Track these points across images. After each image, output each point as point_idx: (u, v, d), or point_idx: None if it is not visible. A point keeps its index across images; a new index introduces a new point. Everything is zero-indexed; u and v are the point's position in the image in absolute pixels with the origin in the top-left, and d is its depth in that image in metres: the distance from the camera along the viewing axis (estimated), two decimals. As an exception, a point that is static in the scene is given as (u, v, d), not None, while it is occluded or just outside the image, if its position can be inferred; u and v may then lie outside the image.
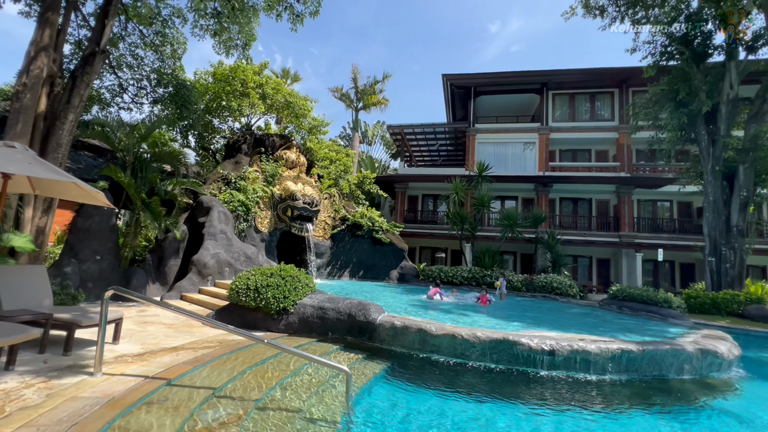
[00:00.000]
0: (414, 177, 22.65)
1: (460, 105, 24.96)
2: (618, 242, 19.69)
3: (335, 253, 16.69)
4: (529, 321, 8.11)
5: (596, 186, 21.02)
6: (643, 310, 9.73)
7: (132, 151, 10.58)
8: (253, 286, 6.88)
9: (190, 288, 9.41)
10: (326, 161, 18.71)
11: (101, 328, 3.91)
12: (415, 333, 6.14)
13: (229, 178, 13.59)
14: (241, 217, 13.08)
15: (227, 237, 11.27)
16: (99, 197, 5.58)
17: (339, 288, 12.34)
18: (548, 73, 20.79)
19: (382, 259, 16.72)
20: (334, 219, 17.16)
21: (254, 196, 13.58)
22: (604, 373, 5.48)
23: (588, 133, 21.30)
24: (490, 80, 21.76)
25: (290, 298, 6.93)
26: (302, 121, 17.92)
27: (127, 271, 9.73)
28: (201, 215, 11.67)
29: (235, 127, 17.27)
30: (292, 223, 14.64)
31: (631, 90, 20.90)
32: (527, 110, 24.31)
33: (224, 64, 15.52)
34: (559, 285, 13.24)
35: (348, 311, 6.74)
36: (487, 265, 15.35)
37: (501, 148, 22.30)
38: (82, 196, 5.89)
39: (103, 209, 9.50)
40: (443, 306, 9.71)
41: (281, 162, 15.32)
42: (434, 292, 10.71)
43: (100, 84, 12.62)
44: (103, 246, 9.41)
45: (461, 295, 12.08)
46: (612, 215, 21.30)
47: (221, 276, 10.04)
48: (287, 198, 14.63)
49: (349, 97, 24.70)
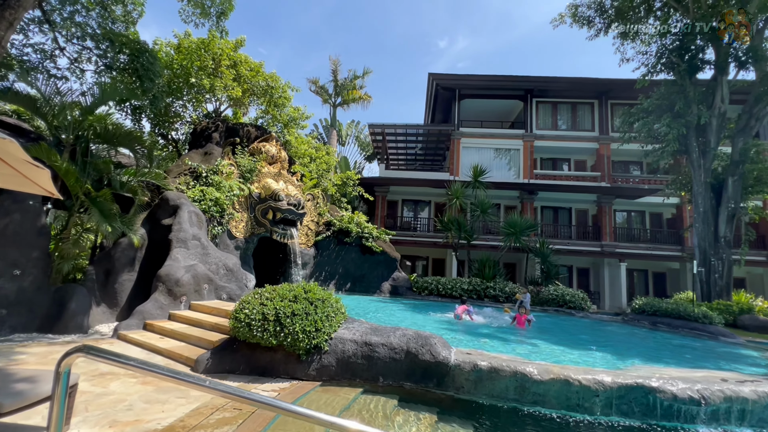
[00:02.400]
0: (397, 180, 21.16)
1: (441, 108, 24.06)
2: (600, 251, 19.73)
3: (319, 263, 14.60)
4: (605, 349, 6.84)
5: (576, 195, 21.06)
6: (684, 327, 9.02)
7: (72, 128, 7.86)
8: (273, 316, 4.85)
9: (156, 313, 6.97)
10: (306, 158, 16.57)
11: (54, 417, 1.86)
12: (508, 378, 4.55)
13: (198, 171, 11.06)
14: (214, 219, 10.63)
15: (201, 244, 8.87)
16: (41, 177, 3.34)
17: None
18: (535, 79, 20.57)
19: (372, 269, 14.92)
20: (317, 224, 15.07)
21: (230, 195, 11.18)
22: (763, 425, 4.28)
23: (570, 143, 21.37)
24: (476, 83, 21.07)
25: (323, 330, 5.00)
26: (280, 112, 15.66)
27: (61, 290, 7.04)
28: (165, 216, 9.13)
29: (198, 114, 14.57)
30: (273, 227, 12.38)
31: (610, 102, 21.37)
32: (508, 117, 24.05)
33: (191, 36, 12.90)
34: (572, 298, 12.39)
35: (405, 347, 4.99)
36: (488, 277, 14.21)
37: (485, 153, 21.64)
38: (5, 177, 3.58)
39: (26, 203, 6.79)
40: (481, 329, 8.22)
41: (261, 156, 13.01)
42: (462, 310, 9.20)
43: (24, 40, 9.59)
44: (25, 256, 6.68)
45: (478, 311, 10.68)
46: (591, 224, 21.46)
47: (198, 295, 7.68)
48: (268, 198, 12.37)
49: (326, 91, 22.58)
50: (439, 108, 24.17)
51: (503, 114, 23.95)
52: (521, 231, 14.70)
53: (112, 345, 5.94)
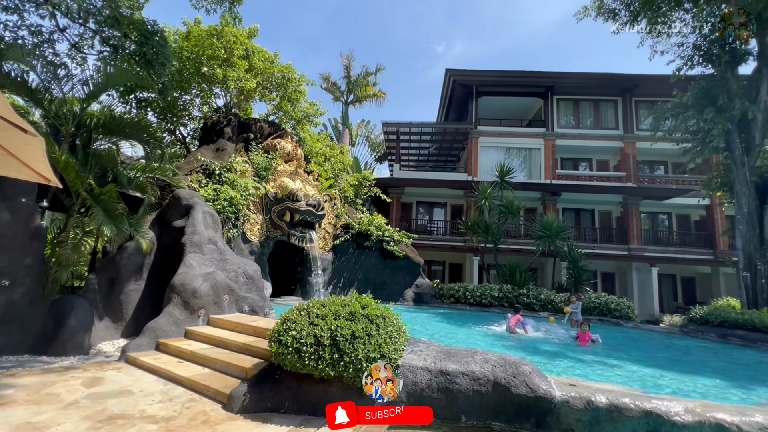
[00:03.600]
0: (413, 181, 20.16)
1: (456, 106, 23.14)
2: (627, 255, 18.75)
3: (337, 268, 13.55)
4: (703, 372, 5.79)
5: (599, 197, 20.12)
6: (763, 341, 7.99)
7: (72, 117, 6.84)
8: (329, 339, 3.82)
9: (170, 330, 5.91)
10: (320, 157, 15.57)
11: None
12: (637, 419, 3.54)
13: (211, 169, 10.04)
14: (229, 221, 9.61)
15: (218, 248, 7.84)
16: (32, 152, 2.37)
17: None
18: (557, 75, 19.68)
19: (393, 275, 13.87)
20: (335, 227, 14.04)
21: (246, 194, 10.16)
22: None
23: (593, 141, 20.45)
24: (495, 79, 20.16)
25: (388, 356, 3.96)
26: (294, 107, 14.67)
27: (58, 303, 5.99)
28: (177, 217, 8.10)
29: (208, 108, 13.57)
30: (291, 230, 11.35)
31: (635, 99, 20.49)
32: (525, 115, 23.15)
33: (201, 24, 11.93)
34: (617, 306, 11.39)
35: (491, 377, 3.98)
36: (519, 283, 13.17)
37: (504, 153, 20.69)
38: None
39: (16, 201, 5.76)
40: (541, 345, 7.19)
41: (276, 153, 12.00)
42: (516, 322, 8.15)
43: (18, 21, 8.59)
44: (15, 263, 5.64)
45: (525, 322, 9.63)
46: (615, 227, 20.49)
47: (218, 308, 6.63)
48: (285, 198, 11.35)
49: (338, 89, 21.61)
50: (454, 107, 23.24)
51: (521, 112, 23.05)
52: (556, 234, 13.71)
53: (120, 371, 4.88)
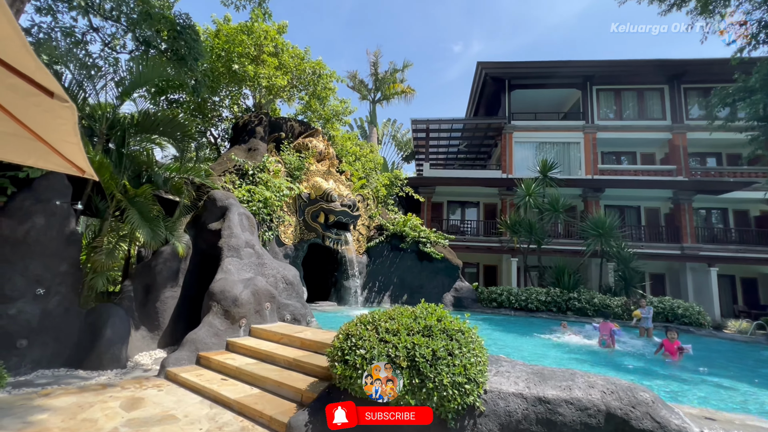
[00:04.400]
0: (445, 180, 19.36)
1: (486, 101, 22.20)
2: (680, 255, 17.32)
3: (372, 271, 12.95)
4: None
5: (646, 192, 18.73)
6: None
7: (105, 115, 6.51)
8: (406, 359, 3.18)
9: (210, 341, 5.42)
10: (350, 157, 15.05)
11: None
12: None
13: (244, 169, 9.64)
14: (264, 223, 9.16)
15: (256, 252, 7.36)
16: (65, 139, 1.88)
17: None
18: (596, 64, 18.49)
19: (430, 278, 13.15)
20: (368, 228, 13.46)
21: (280, 195, 9.70)
22: None
23: (637, 133, 19.08)
24: (530, 70, 19.15)
25: (475, 380, 3.28)
26: (323, 105, 14.22)
27: (94, 312, 5.61)
28: (212, 219, 7.68)
29: (239, 107, 13.28)
30: (325, 232, 10.83)
31: (683, 87, 19.00)
32: (561, 108, 21.94)
33: (231, 22, 11.63)
34: (685, 311, 10.29)
35: (603, 406, 3.24)
36: (567, 286, 12.20)
37: (540, 148, 19.62)
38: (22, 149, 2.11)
39: (51, 204, 5.40)
40: (626, 359, 6.32)
41: (308, 152, 11.54)
42: (607, 329, 7.17)
43: (52, 23, 8.42)
44: (50, 270, 5.29)
45: (579, 329, 8.72)
46: (663, 225, 19.03)
47: (259, 317, 6.11)
48: (319, 199, 10.85)
49: (365, 87, 21.09)
50: (484, 102, 22.31)
51: (556, 105, 21.86)
52: (608, 232, 12.65)
53: (161, 389, 4.39)
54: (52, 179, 5.43)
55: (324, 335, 5.34)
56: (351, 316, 10.25)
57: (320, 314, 9.87)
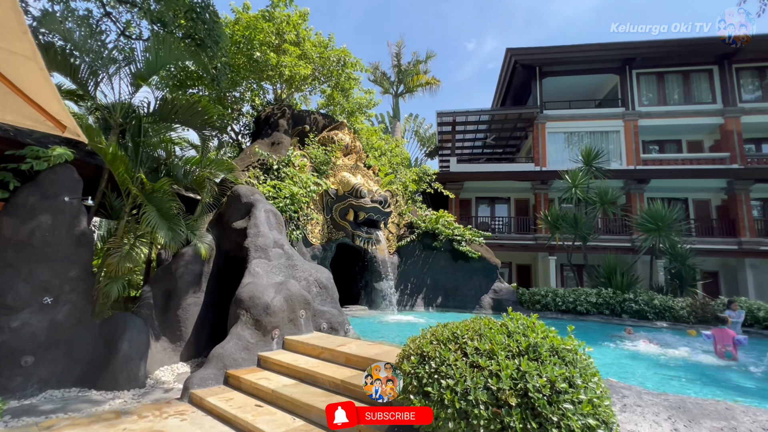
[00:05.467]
0: (474, 175, 18.29)
1: (515, 91, 21.01)
2: (738, 250, 15.78)
3: (403, 272, 12.07)
4: None
5: (694, 183, 17.21)
6: None
7: (120, 106, 5.86)
8: (514, 393, 2.28)
9: (240, 357, 4.65)
10: (376, 152, 14.25)
11: None
12: None
13: (269, 164, 8.94)
14: (292, 221, 8.42)
15: (285, 253, 6.60)
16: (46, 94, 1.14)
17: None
18: (637, 45, 17.08)
19: (466, 279, 12.18)
20: (398, 226, 12.60)
21: (308, 191, 8.96)
22: None
23: (684, 119, 17.56)
24: (563, 55, 17.90)
25: (606, 422, 2.36)
26: (347, 98, 13.46)
27: (108, 323, 4.93)
28: (237, 217, 6.98)
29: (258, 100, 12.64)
30: (355, 231, 10.03)
31: (735, 67, 17.41)
32: (596, 95, 20.54)
33: (250, 10, 10.97)
34: (767, 314, 8.99)
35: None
36: (621, 287, 11.01)
37: (576, 138, 18.34)
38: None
39: (59, 200, 4.74)
40: (729, 375, 5.25)
41: (335, 146, 10.78)
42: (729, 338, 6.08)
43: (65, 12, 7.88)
44: (59, 276, 4.63)
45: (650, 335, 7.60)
46: (715, 217, 17.46)
47: (293, 326, 5.32)
48: (347, 195, 10.06)
49: (387, 79, 20.24)
50: (513, 92, 21.12)
51: (590, 92, 20.48)
52: (667, 226, 11.39)
53: (185, 417, 3.63)
54: (60, 172, 4.79)
55: (371, 349, 4.50)
56: (386, 321, 9.36)
57: (353, 319, 9.05)
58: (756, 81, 17.45)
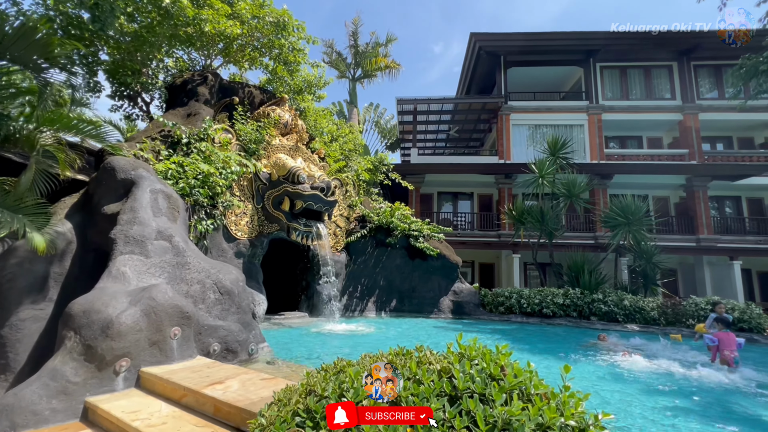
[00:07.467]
0: (436, 167, 17.11)
1: (480, 81, 20.03)
2: (696, 247, 15.64)
3: (353, 273, 10.57)
4: None
5: (655, 180, 17.03)
6: None
7: None
8: None
9: (48, 408, 2.93)
10: (326, 137, 12.63)
11: None
12: None
13: (176, 136, 7.09)
14: (201, 208, 6.66)
15: (173, 247, 4.88)
16: None
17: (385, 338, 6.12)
18: (600, 36, 16.55)
19: (424, 280, 10.88)
20: (348, 220, 11.06)
21: (227, 172, 7.22)
22: None
23: (645, 115, 17.32)
24: (528, 43, 17.06)
25: None
26: (292, 75, 11.73)
27: None
28: (111, 198, 5.17)
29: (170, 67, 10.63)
30: (291, 223, 8.39)
31: (693, 64, 17.36)
32: (560, 87, 20.00)
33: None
34: (742, 315, 8.36)
35: None
36: (589, 286, 10.13)
37: (540, 131, 17.63)
38: None
39: None
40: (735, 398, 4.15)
41: (270, 121, 9.08)
42: (734, 343, 5.19)
43: None
44: None
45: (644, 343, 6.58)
46: (674, 215, 17.36)
47: (158, 351, 3.63)
48: (283, 180, 8.41)
49: (344, 61, 18.51)
50: (477, 81, 20.15)
51: (555, 84, 19.95)
52: (637, 219, 10.64)
53: None
54: None
55: (261, 390, 2.94)
56: (327, 332, 7.68)
57: (283, 331, 7.43)
58: (712, 79, 17.54)
